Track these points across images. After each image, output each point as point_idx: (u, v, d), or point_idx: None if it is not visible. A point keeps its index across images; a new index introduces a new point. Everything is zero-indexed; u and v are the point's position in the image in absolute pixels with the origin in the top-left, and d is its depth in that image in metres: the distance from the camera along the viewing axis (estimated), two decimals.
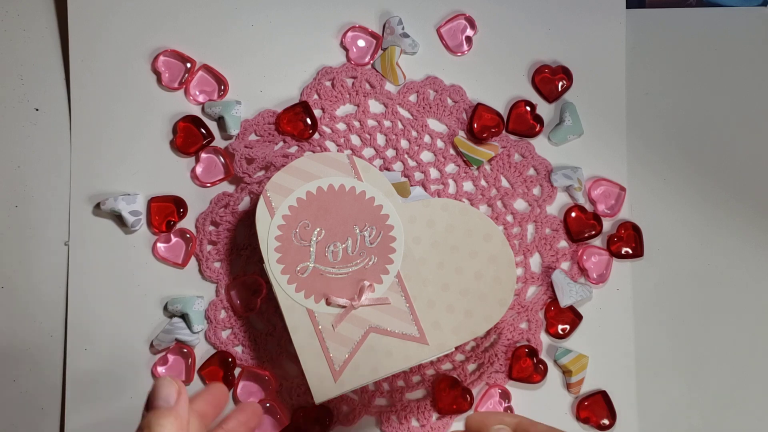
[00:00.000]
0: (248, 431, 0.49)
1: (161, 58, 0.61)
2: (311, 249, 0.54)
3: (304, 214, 0.54)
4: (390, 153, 0.61)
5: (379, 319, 0.53)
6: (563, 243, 0.61)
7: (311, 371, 0.52)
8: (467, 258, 0.54)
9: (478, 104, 0.61)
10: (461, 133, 0.61)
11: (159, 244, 0.60)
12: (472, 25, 0.62)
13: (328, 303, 0.53)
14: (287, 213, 0.54)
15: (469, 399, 0.58)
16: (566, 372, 0.59)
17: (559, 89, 0.62)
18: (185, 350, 0.59)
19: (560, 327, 0.60)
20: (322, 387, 0.52)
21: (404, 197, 0.55)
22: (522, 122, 0.61)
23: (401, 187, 0.56)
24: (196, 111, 0.61)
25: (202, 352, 0.59)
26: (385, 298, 0.53)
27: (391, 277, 0.54)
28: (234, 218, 0.60)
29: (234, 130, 0.60)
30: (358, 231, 0.54)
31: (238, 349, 0.59)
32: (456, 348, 0.59)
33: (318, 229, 0.54)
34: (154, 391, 0.42)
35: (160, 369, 0.59)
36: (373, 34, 0.62)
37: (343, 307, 0.53)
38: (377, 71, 0.61)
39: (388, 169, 0.60)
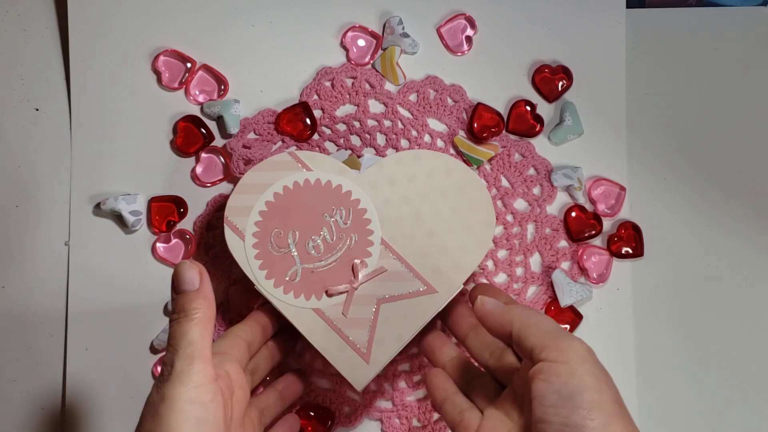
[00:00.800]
0: (298, 393, 0.56)
1: (161, 58, 0.61)
2: (293, 253, 0.54)
3: (272, 224, 0.54)
4: (390, 152, 0.61)
5: (384, 288, 0.53)
6: (563, 243, 0.61)
7: (341, 364, 0.52)
8: (439, 198, 0.54)
9: (478, 104, 0.61)
10: (461, 133, 0.61)
11: (159, 244, 0.60)
12: (472, 25, 0.62)
13: (329, 295, 0.53)
14: (256, 230, 0.54)
15: None
16: None
17: (559, 89, 0.62)
18: None
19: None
20: (358, 373, 0.52)
21: (357, 170, 0.55)
22: (522, 122, 0.61)
23: (352, 161, 0.56)
24: (196, 111, 0.61)
25: None
26: (380, 267, 0.53)
27: (377, 246, 0.54)
28: None
29: (233, 129, 0.60)
30: (328, 218, 0.54)
31: None
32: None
33: (291, 232, 0.54)
34: (178, 276, 0.45)
35: (161, 369, 0.59)
36: (373, 34, 0.62)
37: (345, 292, 0.53)
38: (377, 71, 0.61)
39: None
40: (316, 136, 0.61)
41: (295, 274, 0.54)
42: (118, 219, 0.60)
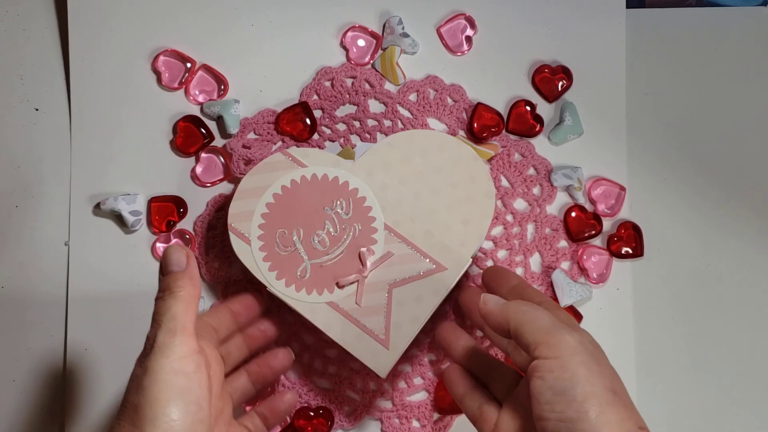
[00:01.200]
0: (274, 374, 0.54)
1: (161, 58, 0.61)
2: (300, 250, 0.54)
3: (275, 225, 0.54)
4: None
5: (393, 273, 0.54)
6: (563, 243, 0.61)
7: (362, 353, 0.53)
8: (435, 175, 0.54)
9: (478, 104, 0.61)
10: (461, 133, 0.61)
11: (159, 245, 0.60)
12: (472, 25, 0.62)
13: (340, 286, 0.53)
14: (260, 233, 0.54)
15: None
16: None
17: (559, 89, 0.62)
18: None
19: None
20: (380, 361, 0.53)
21: (351, 159, 0.56)
22: (522, 122, 0.61)
23: (347, 152, 0.57)
24: (196, 111, 0.61)
25: None
26: (387, 252, 0.54)
27: (381, 232, 0.54)
28: None
29: (233, 129, 0.60)
30: (329, 211, 0.54)
31: None
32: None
33: (295, 230, 0.54)
34: (166, 258, 0.47)
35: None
36: (373, 34, 0.62)
37: (356, 281, 0.53)
38: (377, 71, 0.61)
39: None
40: (316, 136, 0.61)
41: (305, 270, 0.54)
42: (118, 219, 0.60)
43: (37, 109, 0.62)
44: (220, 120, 0.61)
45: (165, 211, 0.60)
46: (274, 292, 0.54)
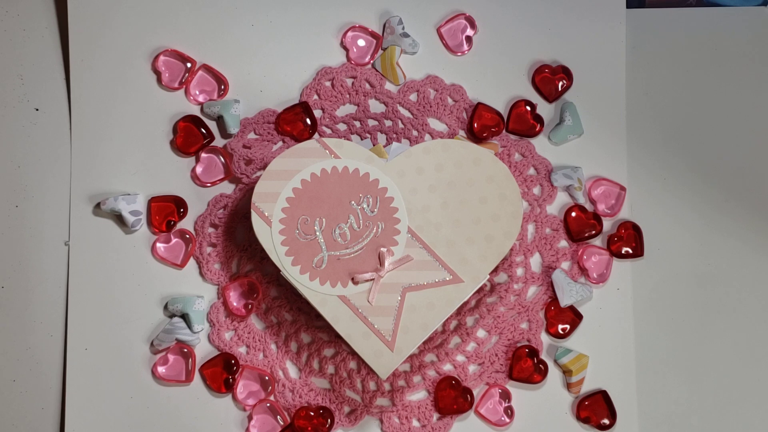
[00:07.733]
0: None
1: (161, 58, 0.61)
2: (319, 240, 0.54)
3: (299, 211, 0.54)
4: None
5: (409, 277, 0.54)
6: (563, 243, 0.61)
7: (366, 352, 0.53)
8: (466, 188, 0.54)
9: (479, 104, 0.61)
10: (461, 133, 0.61)
11: (158, 244, 0.60)
12: (472, 25, 0.62)
13: (355, 282, 0.53)
14: (283, 216, 0.54)
15: (469, 399, 0.58)
16: (566, 372, 0.59)
17: (559, 89, 0.62)
18: (185, 350, 0.59)
19: (560, 327, 0.60)
20: (382, 362, 0.53)
21: (385, 159, 0.56)
22: (522, 122, 0.61)
23: (378, 151, 0.57)
24: (196, 111, 0.61)
25: (203, 352, 0.59)
26: (407, 256, 0.54)
27: (403, 235, 0.54)
28: (233, 219, 0.60)
29: (233, 129, 0.60)
30: (355, 205, 0.54)
31: (242, 350, 0.59)
32: (458, 349, 0.59)
33: (318, 219, 0.54)
34: None
35: (160, 369, 0.59)
36: (373, 34, 0.62)
37: (371, 280, 0.53)
38: (377, 71, 0.61)
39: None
40: (316, 136, 0.61)
41: (321, 261, 0.54)
42: (118, 219, 0.60)
43: (37, 109, 0.62)
44: (220, 120, 0.61)
45: (165, 211, 0.60)
46: (287, 277, 0.54)
